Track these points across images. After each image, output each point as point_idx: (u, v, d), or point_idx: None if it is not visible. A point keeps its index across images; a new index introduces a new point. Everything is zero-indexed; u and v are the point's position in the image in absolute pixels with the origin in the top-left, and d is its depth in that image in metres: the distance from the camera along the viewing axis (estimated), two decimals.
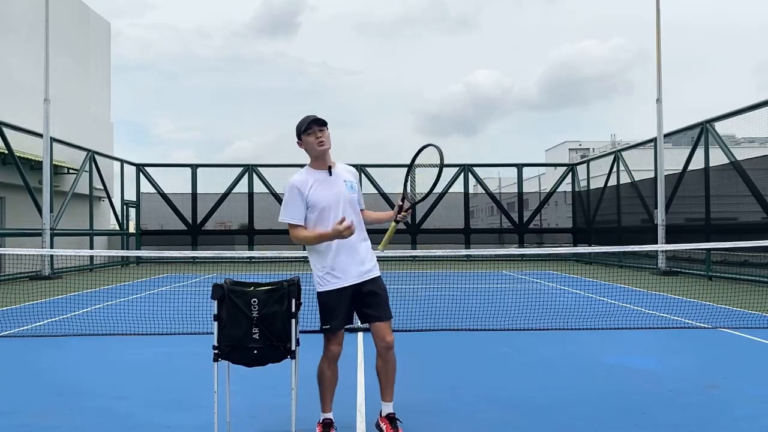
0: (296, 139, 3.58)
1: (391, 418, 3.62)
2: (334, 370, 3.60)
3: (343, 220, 3.38)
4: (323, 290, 3.56)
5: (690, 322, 7.95)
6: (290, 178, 3.60)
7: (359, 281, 3.56)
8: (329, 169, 3.58)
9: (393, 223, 3.69)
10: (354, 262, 3.55)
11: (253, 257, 21.63)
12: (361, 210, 3.79)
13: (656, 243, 15.90)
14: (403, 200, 3.72)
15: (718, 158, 14.59)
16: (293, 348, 3.36)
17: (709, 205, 14.89)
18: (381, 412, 3.69)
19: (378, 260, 3.78)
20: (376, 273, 3.65)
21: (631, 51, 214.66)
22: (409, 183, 3.82)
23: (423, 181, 3.80)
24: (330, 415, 3.64)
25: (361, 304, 3.60)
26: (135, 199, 23.48)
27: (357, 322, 3.86)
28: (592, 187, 23.11)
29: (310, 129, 3.49)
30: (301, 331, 3.55)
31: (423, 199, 3.77)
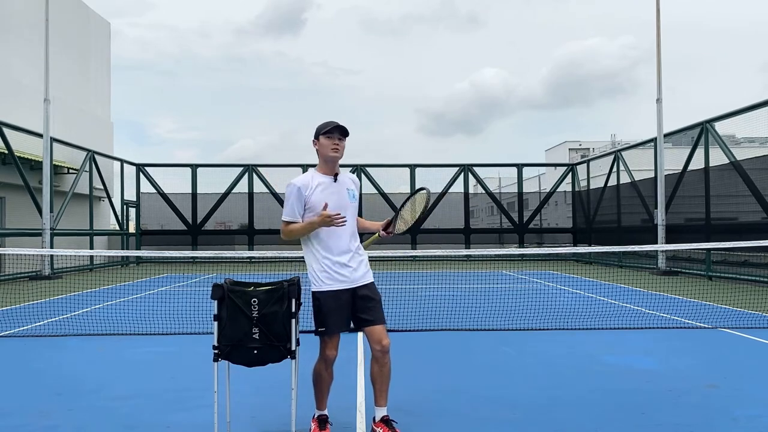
0: (313, 138, 3.66)
1: (386, 421, 3.63)
2: (330, 372, 3.65)
3: (326, 207, 3.46)
4: (319, 290, 3.56)
5: (690, 322, 7.95)
6: (293, 179, 3.67)
7: (354, 286, 3.60)
8: (335, 176, 3.67)
9: (377, 235, 3.93)
10: (348, 266, 3.60)
11: (253, 257, 21.62)
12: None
13: (656, 243, 15.90)
14: (393, 227, 3.95)
15: (718, 158, 14.59)
16: (293, 348, 3.37)
17: (709, 205, 14.88)
18: (375, 417, 3.69)
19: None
20: (370, 279, 3.70)
21: (640, 49, 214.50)
22: (402, 214, 4.04)
23: (409, 216, 4.03)
24: (325, 412, 3.71)
25: (355, 308, 3.61)
26: (135, 199, 23.47)
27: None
28: (592, 187, 23.12)
29: (332, 133, 3.57)
30: (301, 331, 3.55)
31: (403, 233, 4.01)
